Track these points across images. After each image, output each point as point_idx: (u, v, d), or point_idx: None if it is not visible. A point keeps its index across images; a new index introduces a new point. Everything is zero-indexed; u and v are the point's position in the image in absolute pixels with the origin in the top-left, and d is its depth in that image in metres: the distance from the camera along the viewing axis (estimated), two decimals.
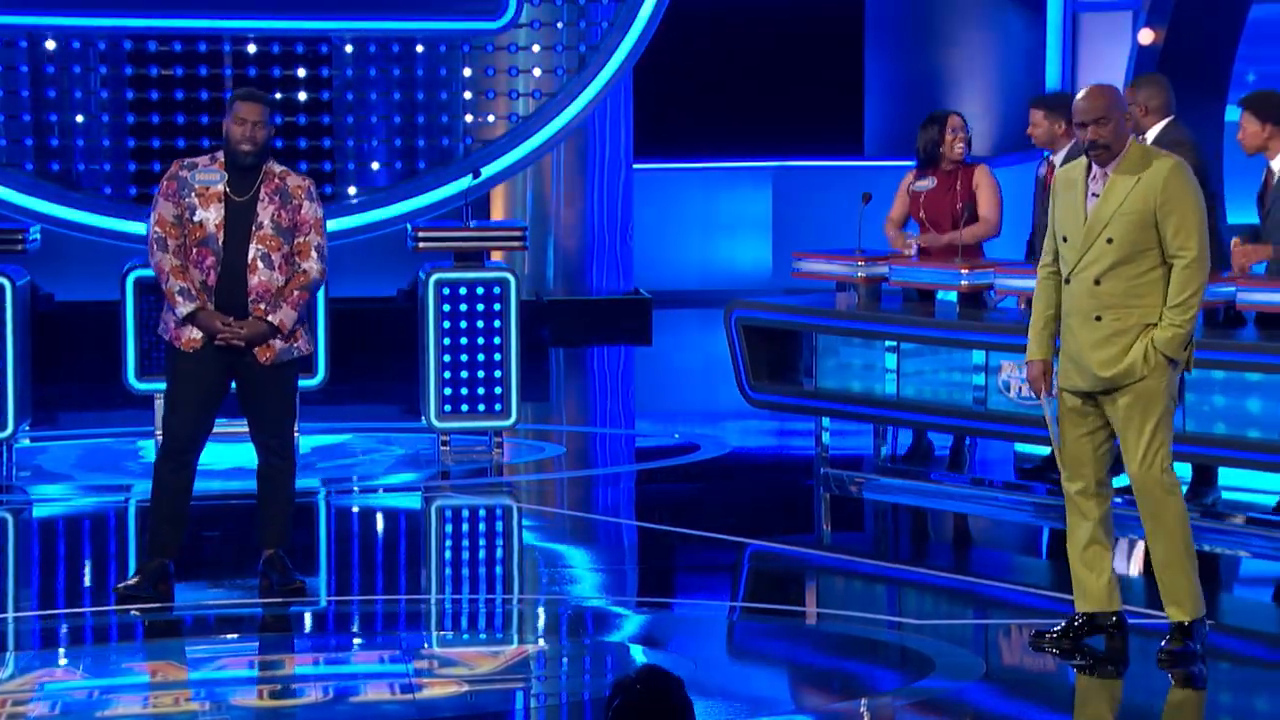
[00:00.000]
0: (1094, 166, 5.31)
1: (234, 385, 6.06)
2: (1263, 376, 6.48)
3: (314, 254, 6.01)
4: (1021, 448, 8.00)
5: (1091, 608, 5.41)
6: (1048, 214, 7.55)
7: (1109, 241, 5.22)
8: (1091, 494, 5.39)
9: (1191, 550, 5.32)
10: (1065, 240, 5.33)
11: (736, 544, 6.81)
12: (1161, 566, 5.31)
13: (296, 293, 5.98)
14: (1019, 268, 7.39)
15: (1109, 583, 5.41)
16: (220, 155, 6.05)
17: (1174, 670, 5.27)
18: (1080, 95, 5.37)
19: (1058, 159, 7.57)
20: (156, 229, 5.99)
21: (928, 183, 7.82)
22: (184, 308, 5.93)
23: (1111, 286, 5.23)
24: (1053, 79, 12.89)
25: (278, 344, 5.98)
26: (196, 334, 5.95)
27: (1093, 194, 5.29)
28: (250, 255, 5.95)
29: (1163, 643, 5.33)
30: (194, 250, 5.97)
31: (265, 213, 5.97)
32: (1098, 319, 5.24)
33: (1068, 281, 5.31)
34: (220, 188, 5.97)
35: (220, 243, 5.95)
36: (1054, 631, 5.45)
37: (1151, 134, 7.12)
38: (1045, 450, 7.68)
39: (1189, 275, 5.20)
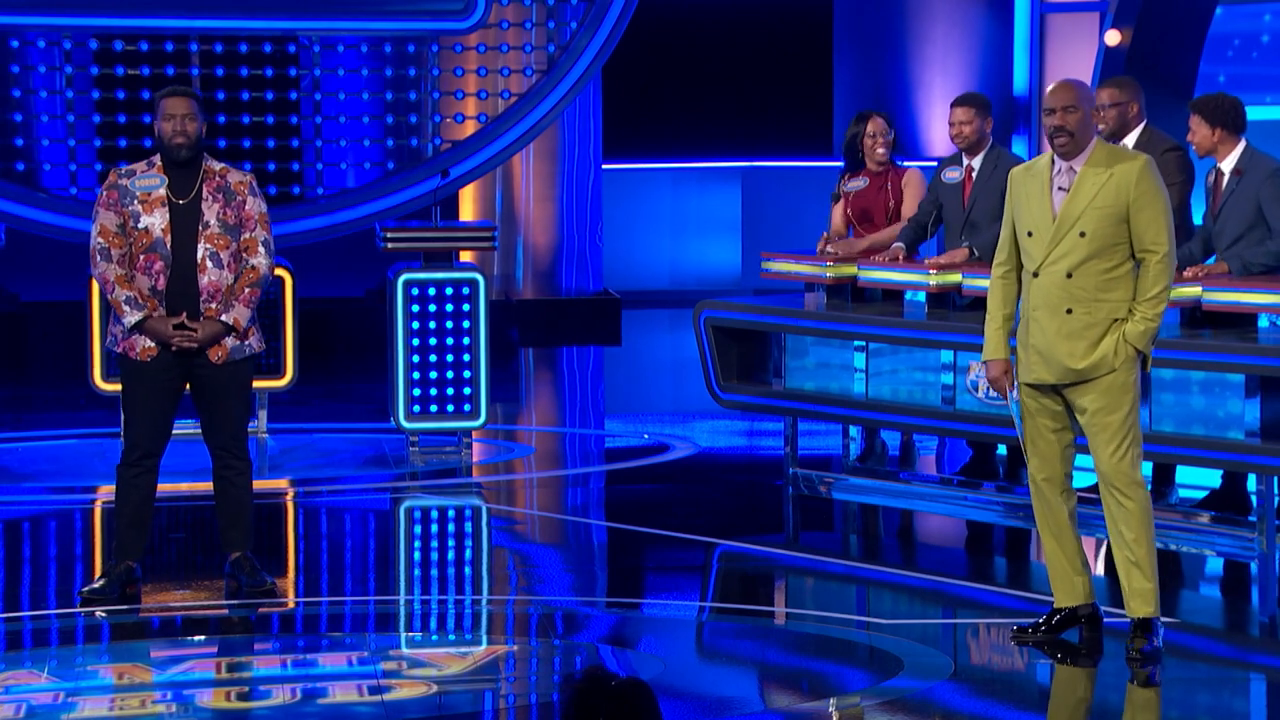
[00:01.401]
0: (1058, 162, 5.35)
1: (188, 387, 6.03)
2: (1224, 376, 6.52)
3: (261, 249, 6.00)
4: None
5: (1071, 602, 5.44)
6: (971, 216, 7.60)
7: (1082, 235, 5.26)
8: (1062, 489, 5.43)
9: (1154, 547, 5.35)
10: (1030, 235, 5.35)
11: (706, 544, 6.81)
12: (1126, 562, 5.34)
13: (248, 290, 5.97)
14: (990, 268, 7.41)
15: (1086, 577, 5.46)
16: (157, 160, 6.01)
17: (1146, 668, 5.30)
18: (1051, 86, 5.44)
19: (975, 162, 7.57)
20: (99, 239, 5.94)
21: (859, 182, 7.84)
22: (132, 317, 5.89)
23: (1083, 280, 5.27)
24: (1020, 80, 12.94)
25: (230, 342, 5.96)
26: (150, 342, 5.92)
27: (1059, 188, 5.33)
28: (199, 256, 5.92)
29: (1131, 641, 5.35)
30: (141, 257, 5.92)
31: (211, 212, 5.95)
32: (1069, 312, 5.28)
33: (1035, 275, 5.34)
34: (162, 192, 5.93)
35: (168, 246, 5.91)
36: (1032, 626, 5.47)
37: (1133, 136, 7.16)
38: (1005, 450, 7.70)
39: (1160, 270, 5.27)
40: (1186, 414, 6.61)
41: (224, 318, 5.93)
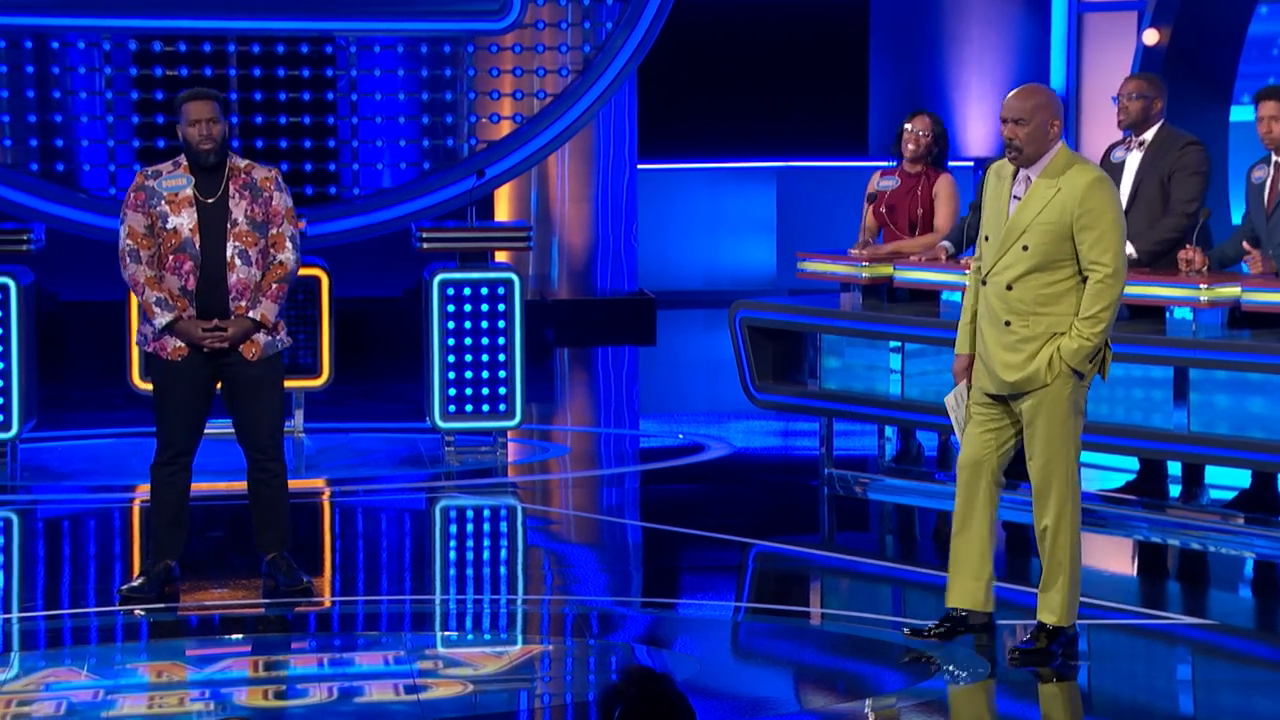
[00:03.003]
0: (1020, 168, 5.28)
1: (219, 386, 6.04)
2: (1263, 377, 6.48)
3: (289, 244, 6.02)
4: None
5: (967, 605, 5.38)
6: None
7: (1025, 249, 5.19)
8: (986, 486, 5.35)
9: (1077, 559, 5.27)
10: (987, 240, 5.31)
11: (741, 544, 6.81)
12: (1046, 568, 5.30)
13: (275, 285, 5.98)
14: None
15: (988, 585, 5.39)
16: (182, 159, 6.02)
17: (1022, 668, 5.24)
18: (1012, 92, 5.33)
19: None
20: (128, 241, 5.96)
21: (890, 182, 7.81)
22: (162, 318, 5.91)
23: (1022, 293, 5.21)
24: (1057, 79, 12.89)
25: (262, 338, 5.98)
26: (180, 341, 5.94)
27: (1015, 196, 5.27)
28: (228, 254, 5.94)
29: (1024, 639, 5.32)
30: (170, 257, 5.94)
31: (238, 209, 5.96)
32: (1006, 324, 5.23)
33: (984, 282, 5.29)
34: (189, 191, 5.95)
35: (197, 246, 5.93)
36: (934, 627, 5.41)
37: (1151, 131, 7.14)
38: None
39: (1102, 289, 5.16)
40: (1226, 415, 6.57)
41: (252, 314, 5.95)
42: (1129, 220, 7.25)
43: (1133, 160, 7.20)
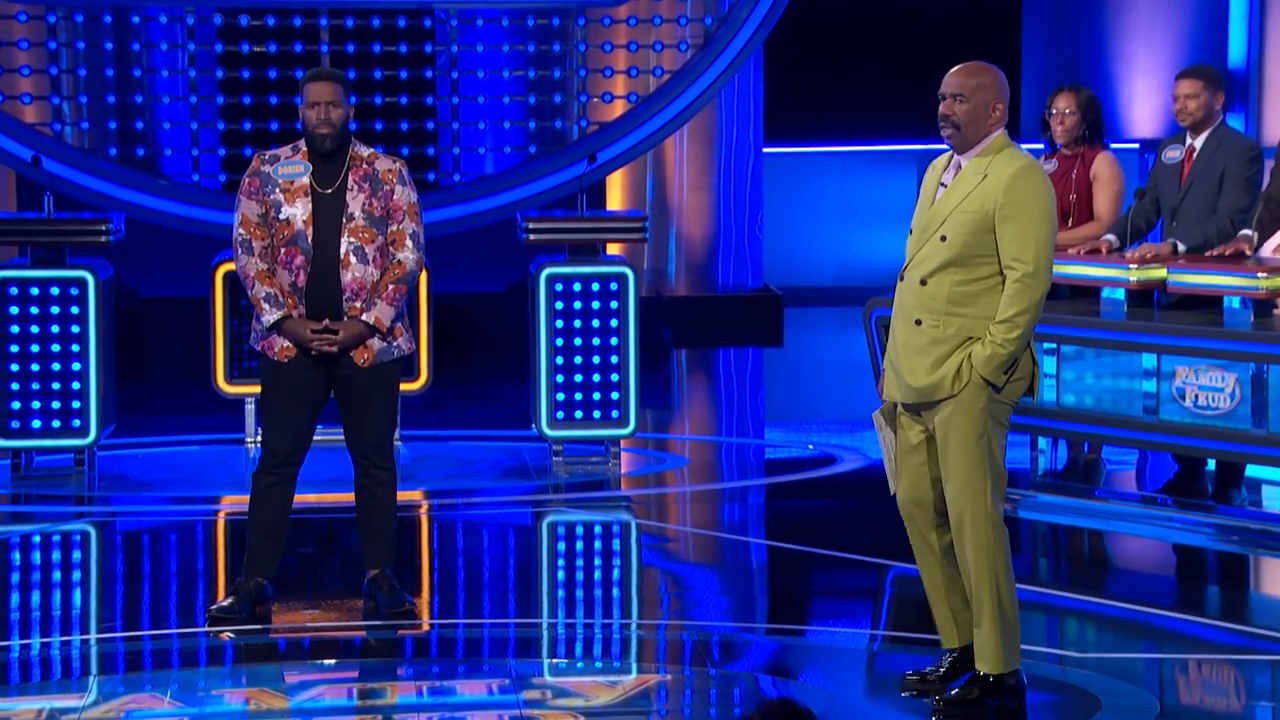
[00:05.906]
0: (955, 155, 5.20)
1: (332, 392, 6.13)
2: None
3: (409, 242, 6.06)
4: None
5: (961, 643, 5.27)
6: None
7: (942, 240, 5.10)
8: (933, 524, 5.24)
9: (1009, 599, 5.10)
10: (911, 232, 5.22)
11: (877, 566, 6.80)
12: (975, 612, 5.13)
13: (392, 286, 6.03)
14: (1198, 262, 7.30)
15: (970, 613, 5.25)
16: (303, 144, 6.09)
17: (947, 717, 5.11)
18: (955, 68, 5.24)
19: (1198, 142, 7.48)
20: (241, 230, 6.04)
21: (1049, 166, 7.75)
22: (270, 315, 5.99)
23: (936, 289, 5.09)
24: (1237, 51, 12.69)
25: (376, 344, 6.05)
26: (289, 341, 6.03)
27: (942, 184, 5.19)
28: (342, 250, 6.00)
29: (952, 690, 5.17)
30: (282, 250, 6.02)
31: (355, 203, 6.02)
32: (917, 323, 5.11)
33: (901, 278, 5.20)
34: (306, 180, 6.01)
35: (309, 239, 5.99)
36: (927, 671, 5.30)
37: None
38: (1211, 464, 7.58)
39: (1020, 290, 5.02)
40: None
41: (365, 317, 6.02)
42: None
43: None
